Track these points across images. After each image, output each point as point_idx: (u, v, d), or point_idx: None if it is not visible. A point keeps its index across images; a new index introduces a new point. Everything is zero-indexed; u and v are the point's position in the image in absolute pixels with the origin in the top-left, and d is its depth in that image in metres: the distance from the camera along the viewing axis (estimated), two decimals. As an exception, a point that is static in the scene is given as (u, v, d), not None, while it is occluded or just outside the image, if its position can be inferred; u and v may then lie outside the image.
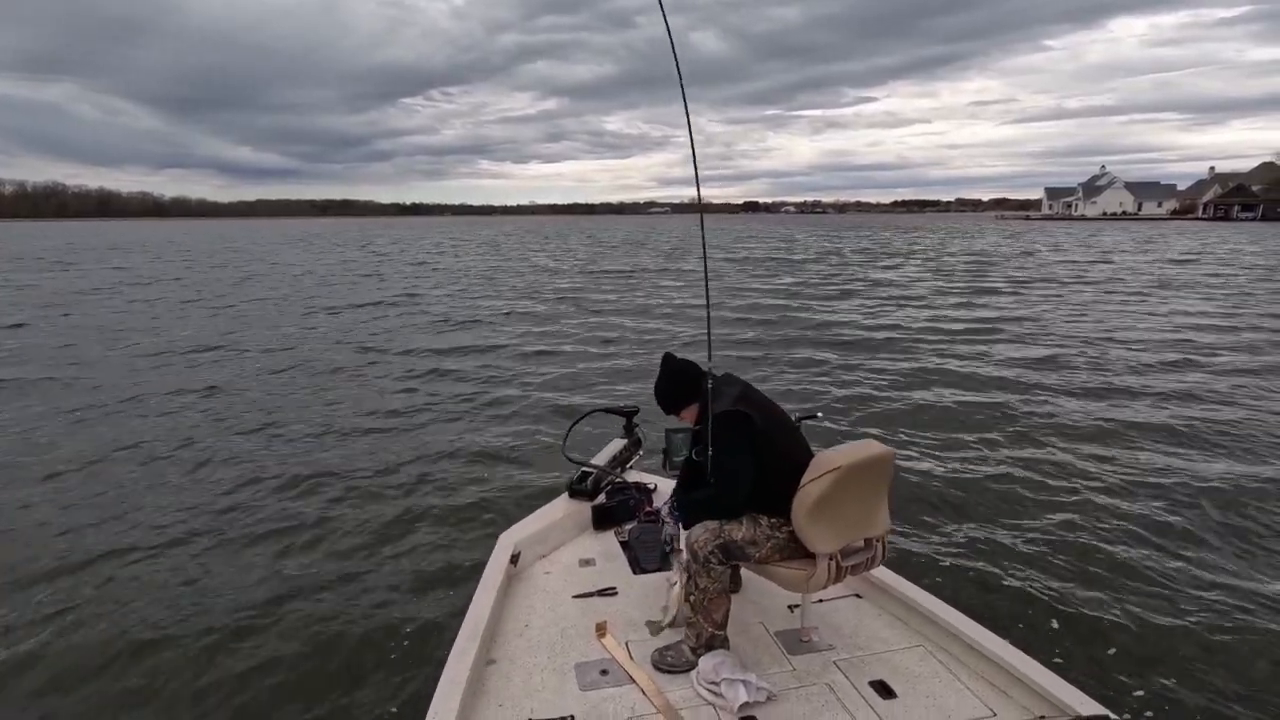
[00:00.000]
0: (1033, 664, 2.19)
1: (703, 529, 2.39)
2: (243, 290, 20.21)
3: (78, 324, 13.92)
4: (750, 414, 2.32)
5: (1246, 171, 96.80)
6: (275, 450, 6.30)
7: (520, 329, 13.17)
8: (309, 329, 13.16)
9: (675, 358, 2.64)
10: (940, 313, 14.48)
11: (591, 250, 41.11)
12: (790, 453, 2.35)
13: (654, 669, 2.36)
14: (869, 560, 2.38)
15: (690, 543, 2.38)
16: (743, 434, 2.31)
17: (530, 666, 2.39)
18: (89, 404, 7.85)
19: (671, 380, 2.58)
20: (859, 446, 2.29)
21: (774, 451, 2.32)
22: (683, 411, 2.60)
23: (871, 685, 2.26)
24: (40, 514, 4.97)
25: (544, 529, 3.23)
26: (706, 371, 2.46)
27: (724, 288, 19.67)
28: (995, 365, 9.48)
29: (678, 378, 2.57)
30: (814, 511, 2.20)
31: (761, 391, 2.52)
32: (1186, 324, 12.88)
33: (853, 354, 10.42)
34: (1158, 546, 4.26)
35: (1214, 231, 57.81)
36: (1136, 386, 8.11)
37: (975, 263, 28.03)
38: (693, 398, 2.52)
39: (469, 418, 7.36)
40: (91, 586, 4.01)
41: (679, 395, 2.57)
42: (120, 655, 3.39)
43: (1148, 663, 3.22)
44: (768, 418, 2.38)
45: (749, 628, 2.61)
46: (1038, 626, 3.49)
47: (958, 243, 43.94)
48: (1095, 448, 5.97)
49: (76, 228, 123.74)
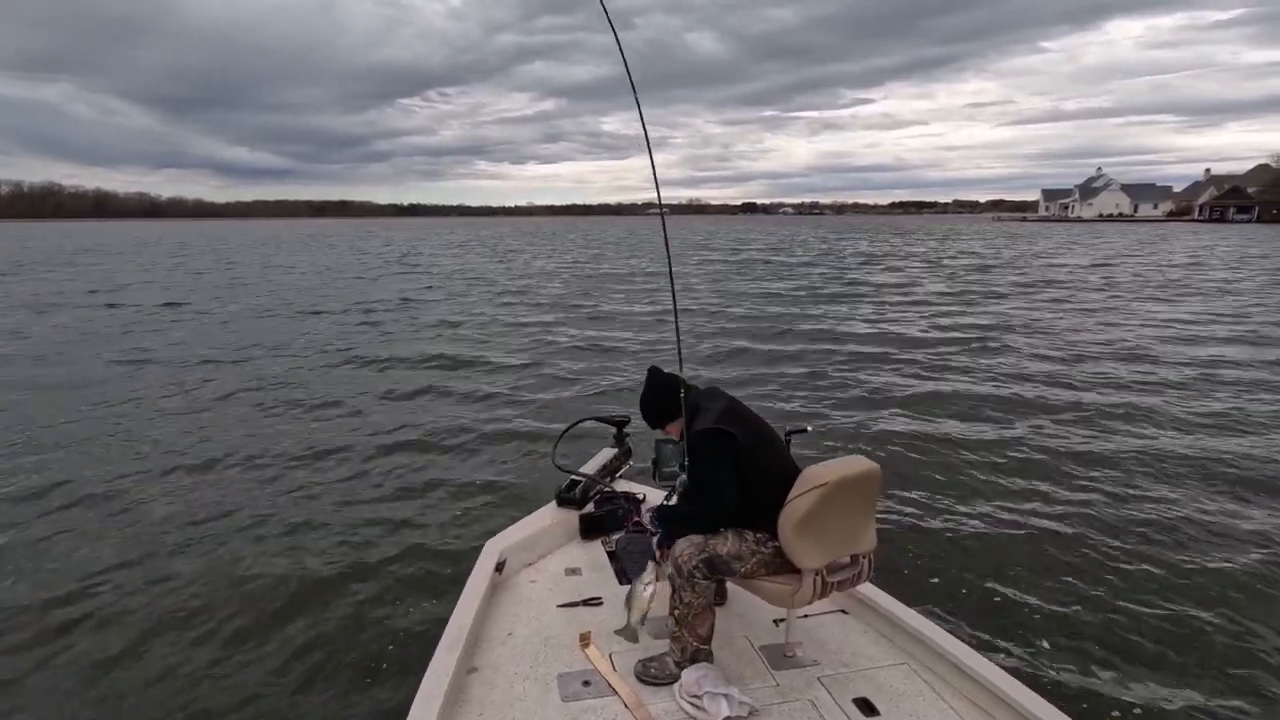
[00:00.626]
0: (1016, 684, 2.18)
1: (687, 543, 2.37)
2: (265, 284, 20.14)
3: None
4: (733, 432, 2.30)
5: (1242, 174, 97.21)
6: (255, 453, 6.26)
7: (514, 334, 13.16)
8: (301, 333, 13.14)
9: (661, 372, 2.63)
10: (937, 321, 14.48)
11: (589, 253, 41.07)
12: (776, 468, 2.34)
13: (637, 681, 2.35)
14: (855, 577, 2.37)
15: (675, 557, 2.37)
16: (724, 451, 2.29)
17: (512, 675, 2.38)
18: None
19: (656, 394, 2.58)
20: (847, 462, 2.28)
21: (759, 468, 2.31)
22: (668, 426, 2.60)
23: (855, 702, 2.25)
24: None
25: (531, 537, 3.21)
26: (683, 385, 2.46)
27: (725, 290, 19.68)
28: (992, 380, 9.44)
29: (662, 392, 2.56)
30: (800, 527, 2.19)
31: (747, 406, 2.51)
32: (1188, 334, 12.86)
33: (848, 364, 10.41)
34: (1150, 572, 4.20)
35: (1216, 233, 57.71)
36: (1141, 404, 8.03)
37: (978, 266, 28.00)
38: (677, 412, 2.51)
39: (457, 422, 7.33)
40: (67, 606, 3.97)
41: (663, 410, 2.57)
42: (101, 664, 3.37)
43: (1133, 684, 3.20)
44: (753, 434, 2.37)
45: (733, 641, 2.60)
46: (1023, 647, 3.46)
47: (960, 244, 43.82)
48: (1090, 467, 5.89)
49: (72, 228, 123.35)
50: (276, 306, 16.73)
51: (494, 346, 11.71)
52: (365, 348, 11.48)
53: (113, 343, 11.94)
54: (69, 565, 4.30)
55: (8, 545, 4.54)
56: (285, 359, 10.55)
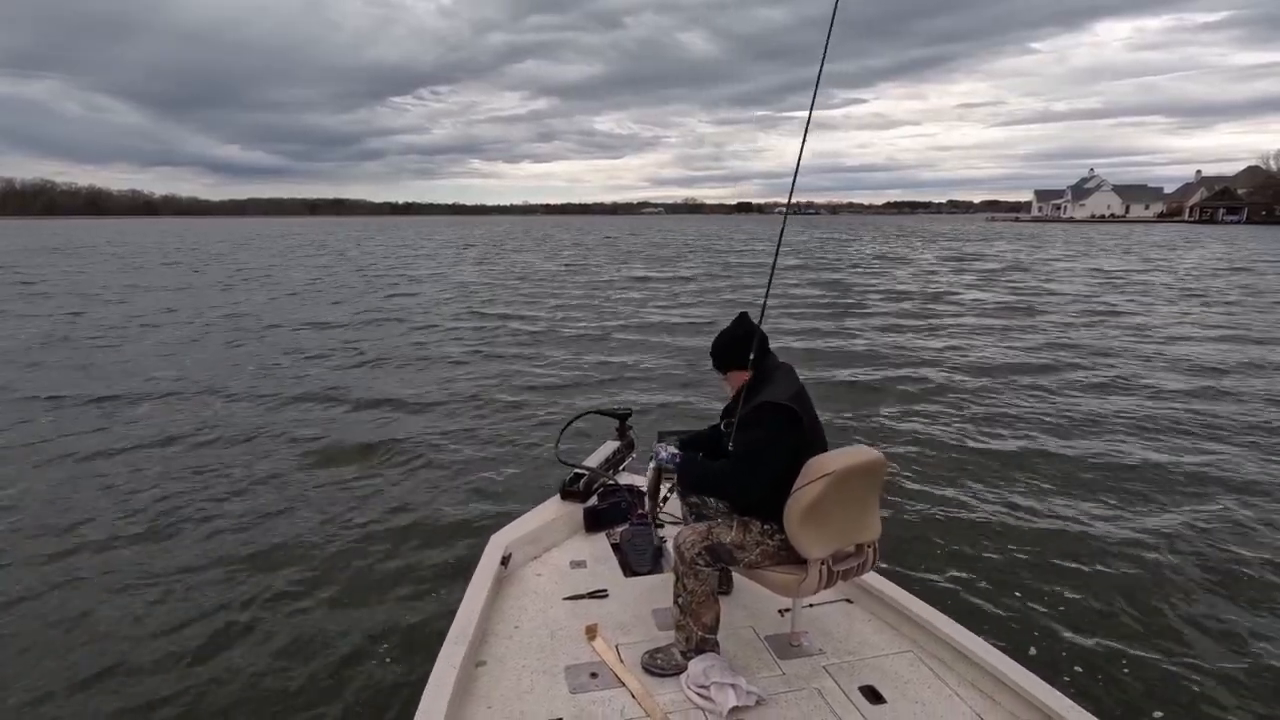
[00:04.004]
0: (1021, 670, 2.20)
1: (691, 530, 2.39)
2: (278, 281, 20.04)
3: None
4: (802, 417, 2.27)
5: (1232, 175, 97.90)
6: (262, 447, 6.26)
7: (515, 329, 13.14)
8: (306, 326, 13.10)
9: (749, 320, 2.49)
10: (937, 321, 14.52)
11: (586, 254, 41.05)
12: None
13: (644, 672, 2.36)
14: (860, 566, 2.39)
15: (678, 544, 2.38)
16: (787, 431, 2.25)
17: (519, 668, 2.39)
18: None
19: (735, 339, 2.45)
20: (851, 452, 2.29)
21: (804, 459, 2.26)
22: (730, 372, 2.50)
23: (861, 690, 2.27)
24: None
25: (535, 530, 3.22)
26: (764, 344, 2.41)
27: (727, 287, 19.67)
28: (995, 370, 9.51)
29: (742, 341, 2.41)
30: (806, 517, 2.20)
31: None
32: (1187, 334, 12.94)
33: (853, 363, 10.43)
34: (1153, 559, 4.24)
35: (1204, 233, 58.01)
36: (1144, 402, 8.07)
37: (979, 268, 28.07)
38: (743, 365, 2.41)
39: (461, 417, 7.34)
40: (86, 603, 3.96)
41: (734, 355, 2.44)
42: (110, 658, 3.36)
43: (1137, 670, 3.24)
44: (812, 427, 2.34)
45: (739, 631, 2.62)
46: (1027, 633, 3.50)
47: (975, 246, 43.70)
48: (1093, 459, 5.95)
49: (70, 226, 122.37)
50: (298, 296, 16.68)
51: (494, 344, 11.70)
52: (365, 348, 11.46)
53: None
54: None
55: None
56: (301, 348, 10.53)
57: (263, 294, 18.86)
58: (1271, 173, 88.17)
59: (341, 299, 17.71)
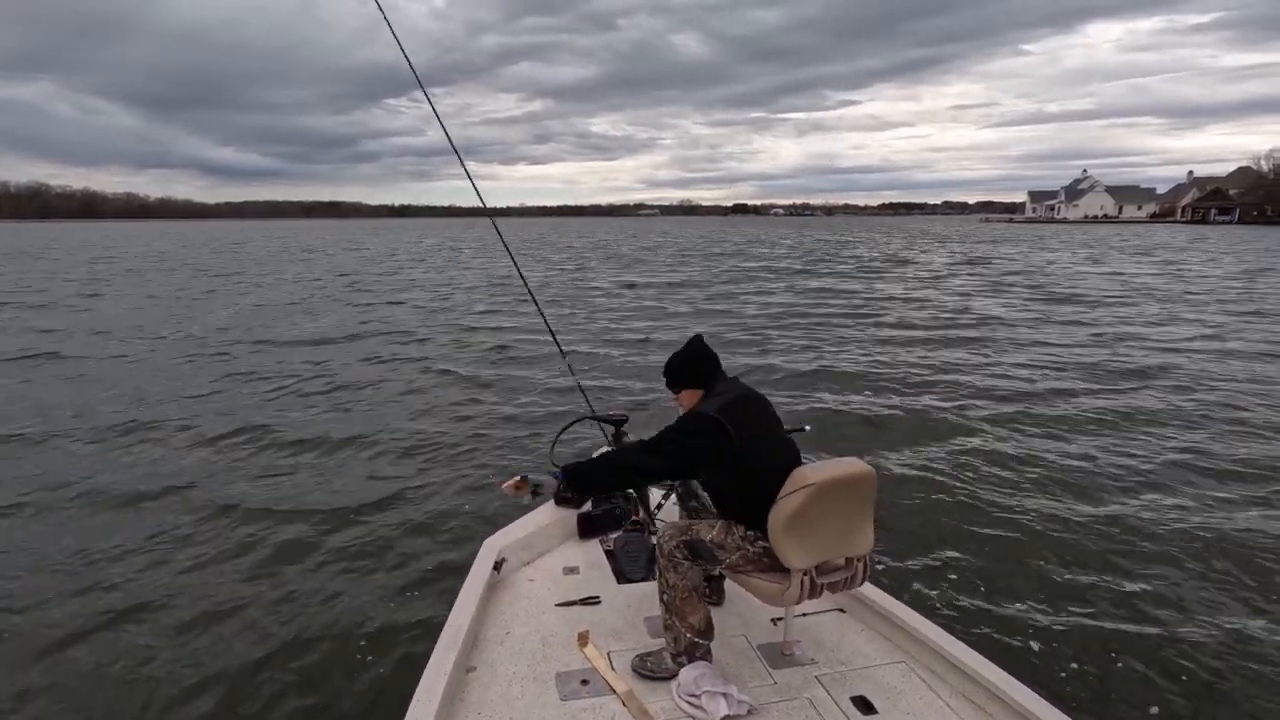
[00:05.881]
0: (1013, 682, 2.19)
1: (671, 525, 2.43)
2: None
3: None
4: (728, 427, 2.27)
5: (1224, 176, 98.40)
6: (257, 458, 6.23)
7: (509, 335, 13.11)
8: (300, 325, 13.07)
9: (702, 342, 2.61)
10: (937, 321, 14.55)
11: (586, 255, 40.98)
12: (776, 467, 2.28)
13: (635, 679, 2.35)
14: (849, 579, 2.34)
15: (659, 538, 2.41)
16: (704, 436, 2.28)
17: (510, 675, 2.38)
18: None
19: (685, 360, 2.57)
20: (839, 464, 2.25)
21: (755, 466, 2.28)
22: (680, 392, 2.59)
23: (852, 701, 2.26)
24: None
25: (529, 536, 3.22)
26: (715, 366, 2.52)
27: (721, 294, 19.68)
28: (993, 379, 9.49)
29: (692, 361, 2.55)
30: (788, 526, 2.17)
31: (766, 402, 2.47)
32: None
33: (853, 364, 10.44)
34: (1152, 574, 4.21)
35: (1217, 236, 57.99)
36: (1144, 405, 8.06)
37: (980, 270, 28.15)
38: (694, 384, 2.53)
39: (454, 423, 7.32)
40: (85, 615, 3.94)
41: (685, 376, 2.56)
42: (105, 662, 3.35)
43: (1131, 684, 3.23)
44: (754, 432, 2.33)
45: (731, 640, 2.61)
46: (1020, 645, 3.49)
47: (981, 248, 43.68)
48: (1090, 471, 5.91)
49: (68, 229, 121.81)
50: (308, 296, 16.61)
51: (493, 346, 11.68)
52: (365, 346, 11.42)
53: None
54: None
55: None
56: (290, 355, 10.49)
57: (280, 291, 18.78)
58: (1263, 173, 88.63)
59: (330, 309, 17.64)
